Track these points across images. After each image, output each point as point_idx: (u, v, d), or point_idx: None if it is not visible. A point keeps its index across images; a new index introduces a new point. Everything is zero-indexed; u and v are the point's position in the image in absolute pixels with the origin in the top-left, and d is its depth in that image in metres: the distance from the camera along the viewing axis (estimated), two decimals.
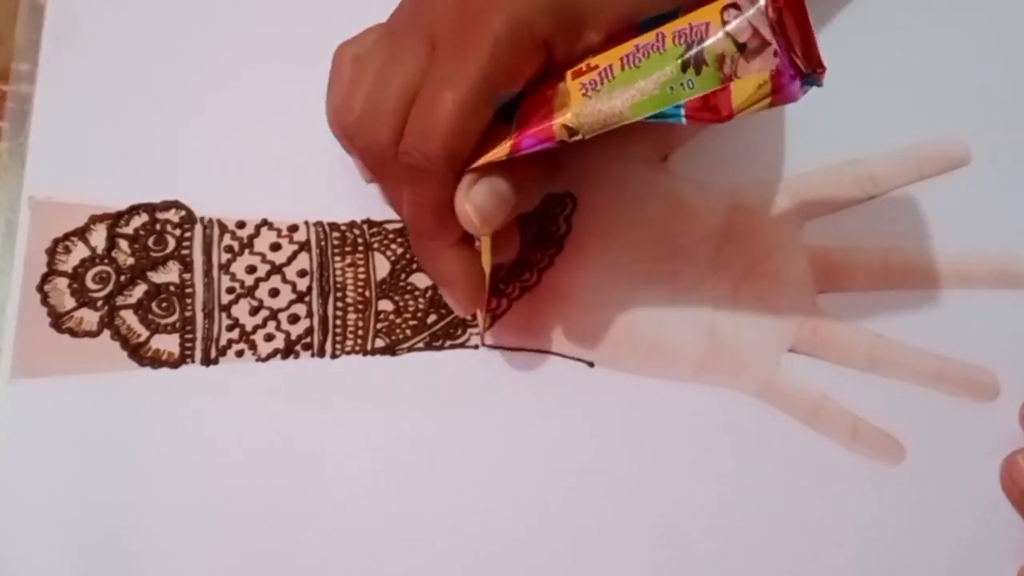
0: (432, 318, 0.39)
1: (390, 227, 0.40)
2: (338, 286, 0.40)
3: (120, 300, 0.39)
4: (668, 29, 0.30)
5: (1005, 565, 0.37)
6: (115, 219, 0.40)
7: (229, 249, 0.40)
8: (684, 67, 0.29)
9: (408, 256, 0.40)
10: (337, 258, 0.40)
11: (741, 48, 0.28)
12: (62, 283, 0.39)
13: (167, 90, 0.42)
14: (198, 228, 0.40)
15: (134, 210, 0.40)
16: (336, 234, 0.40)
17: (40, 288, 0.39)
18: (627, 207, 0.40)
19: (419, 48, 0.33)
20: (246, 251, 0.40)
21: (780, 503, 0.37)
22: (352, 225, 0.40)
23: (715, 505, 0.37)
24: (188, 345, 0.39)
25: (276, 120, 0.41)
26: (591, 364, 0.39)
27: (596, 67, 0.31)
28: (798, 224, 0.40)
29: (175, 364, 0.39)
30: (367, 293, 0.40)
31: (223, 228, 0.40)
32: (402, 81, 0.33)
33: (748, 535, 0.37)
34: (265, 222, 0.40)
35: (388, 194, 0.38)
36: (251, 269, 0.40)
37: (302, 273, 0.40)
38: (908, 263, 0.40)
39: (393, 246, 0.40)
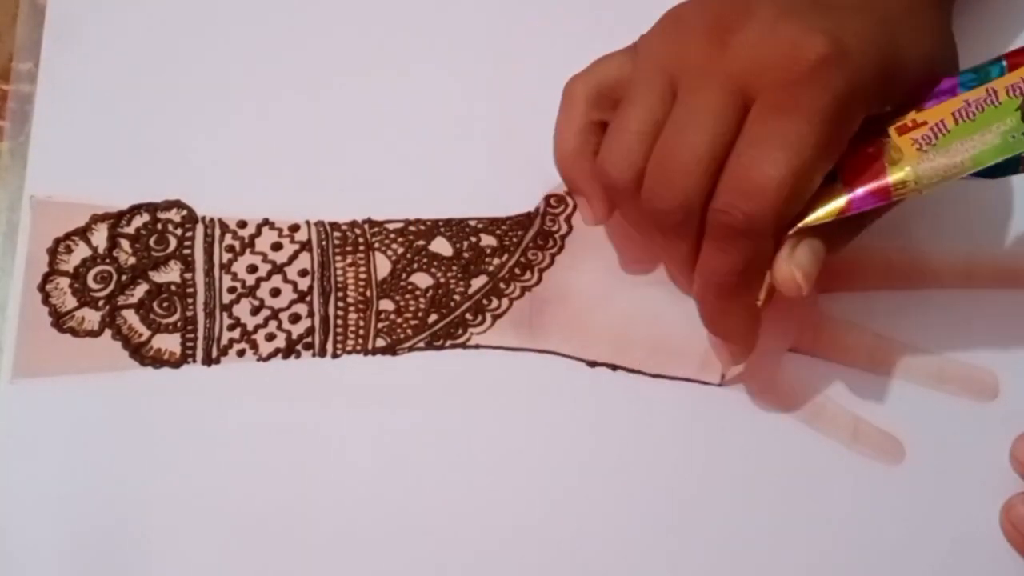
0: (433, 318, 0.39)
1: (391, 227, 0.40)
2: (339, 286, 0.40)
3: (121, 300, 0.39)
4: (999, 84, 0.32)
5: (1005, 565, 0.37)
6: (116, 219, 0.40)
7: (230, 248, 0.40)
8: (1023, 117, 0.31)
9: (409, 256, 0.40)
10: (338, 258, 0.40)
11: None
12: (63, 283, 0.39)
13: (168, 89, 0.42)
14: (199, 228, 0.40)
15: (135, 210, 0.40)
16: (337, 234, 0.40)
17: (41, 288, 0.39)
18: None
19: (730, 100, 0.32)
20: (247, 250, 0.40)
21: (780, 503, 0.37)
22: (353, 225, 0.40)
23: (715, 505, 0.37)
24: (189, 345, 0.39)
25: (277, 119, 0.41)
26: (591, 364, 0.39)
27: (926, 123, 0.32)
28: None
29: (176, 364, 0.39)
30: (368, 293, 0.40)
31: (224, 228, 0.40)
32: (714, 138, 0.31)
33: (748, 535, 0.37)
34: (266, 221, 0.40)
35: (676, 251, 0.34)
36: (252, 268, 0.40)
37: (303, 273, 0.40)
38: (909, 263, 0.40)
39: (394, 246, 0.40)
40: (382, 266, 0.40)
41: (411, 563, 0.37)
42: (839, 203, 0.32)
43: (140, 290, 0.39)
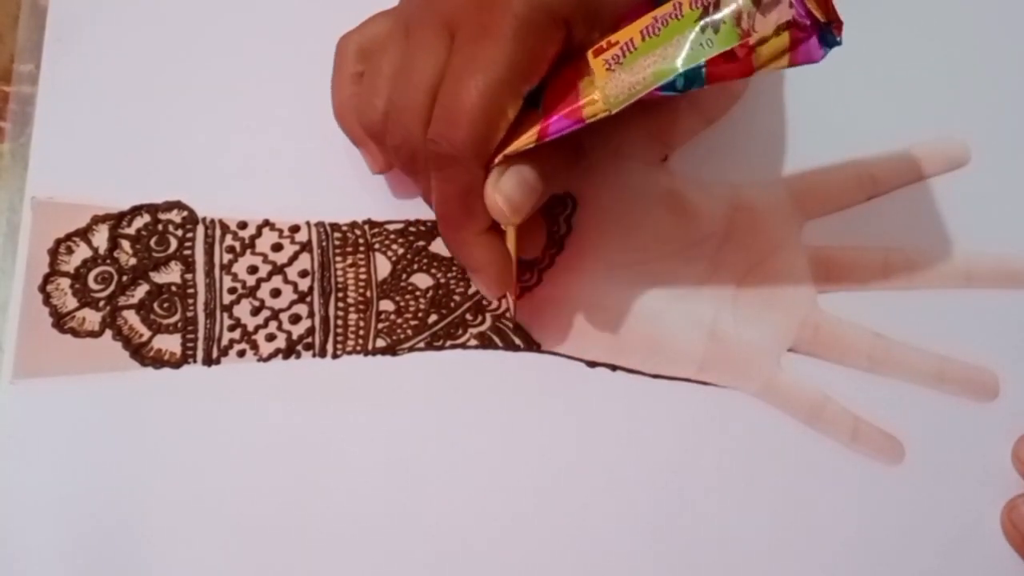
0: (433, 318, 0.39)
1: (391, 227, 0.40)
2: (339, 286, 0.40)
3: (122, 300, 0.39)
4: None
5: (1005, 565, 0.37)
6: (117, 219, 0.40)
7: (231, 249, 0.40)
8: (703, 29, 0.30)
9: (409, 256, 0.40)
10: (338, 258, 0.40)
11: (756, 3, 0.29)
12: (64, 283, 0.39)
13: (169, 90, 0.42)
14: (200, 228, 0.40)
15: (136, 210, 0.40)
16: (337, 234, 0.40)
17: (42, 288, 0.39)
18: (628, 207, 0.40)
19: (438, 37, 0.33)
20: (248, 251, 0.40)
21: (780, 503, 0.37)
22: (353, 225, 0.40)
23: (715, 505, 0.37)
24: (190, 345, 0.39)
25: (278, 120, 0.42)
26: (591, 364, 0.39)
27: (617, 43, 0.31)
28: (798, 224, 0.41)
29: (177, 364, 0.39)
30: (368, 293, 0.40)
31: (225, 228, 0.40)
32: (426, 73, 0.33)
33: (748, 535, 0.37)
34: (267, 222, 0.40)
35: (421, 187, 0.37)
36: (253, 269, 0.40)
37: (303, 273, 0.40)
38: (908, 263, 0.40)
39: (394, 246, 0.40)
40: (382, 267, 0.40)
41: (411, 563, 0.37)
42: (536, 129, 0.32)
43: (141, 291, 0.39)
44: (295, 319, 0.39)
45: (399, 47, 0.35)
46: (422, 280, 0.40)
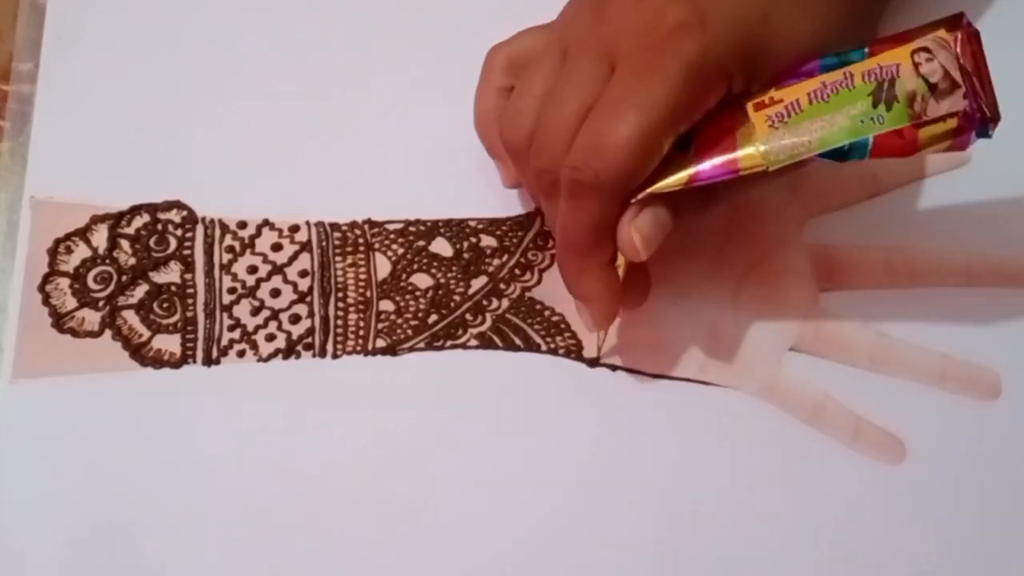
0: (433, 318, 0.39)
1: (391, 227, 0.40)
2: (339, 286, 0.40)
3: (121, 300, 0.39)
4: (856, 69, 0.32)
5: (1006, 565, 0.37)
6: (116, 219, 0.40)
7: (230, 249, 0.40)
8: (875, 103, 0.31)
9: (409, 256, 0.40)
10: (338, 258, 0.40)
11: (932, 88, 0.31)
12: (63, 283, 0.39)
13: (168, 90, 0.42)
14: (199, 228, 0.40)
15: (135, 210, 0.40)
16: (337, 234, 0.40)
17: (41, 288, 0.39)
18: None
19: (599, 65, 0.33)
20: (247, 251, 0.40)
21: (780, 503, 0.37)
22: (353, 225, 0.40)
23: (716, 505, 0.37)
24: (189, 345, 0.39)
25: (278, 120, 0.41)
26: (591, 364, 0.39)
27: (781, 100, 0.32)
28: (800, 223, 0.40)
29: (176, 364, 0.39)
30: (368, 293, 0.40)
31: (224, 228, 0.40)
32: (581, 101, 0.32)
33: (748, 535, 0.37)
34: (266, 222, 0.40)
35: (552, 213, 0.35)
36: (252, 269, 0.40)
37: (303, 273, 0.40)
38: (910, 261, 0.40)
39: (394, 246, 0.40)
40: (382, 267, 0.40)
41: (411, 563, 0.37)
42: (686, 173, 0.32)
43: (140, 291, 0.39)
44: (295, 319, 0.39)
45: (553, 67, 0.34)
46: (422, 280, 0.40)
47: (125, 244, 0.40)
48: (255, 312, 0.39)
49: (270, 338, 0.39)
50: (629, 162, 0.31)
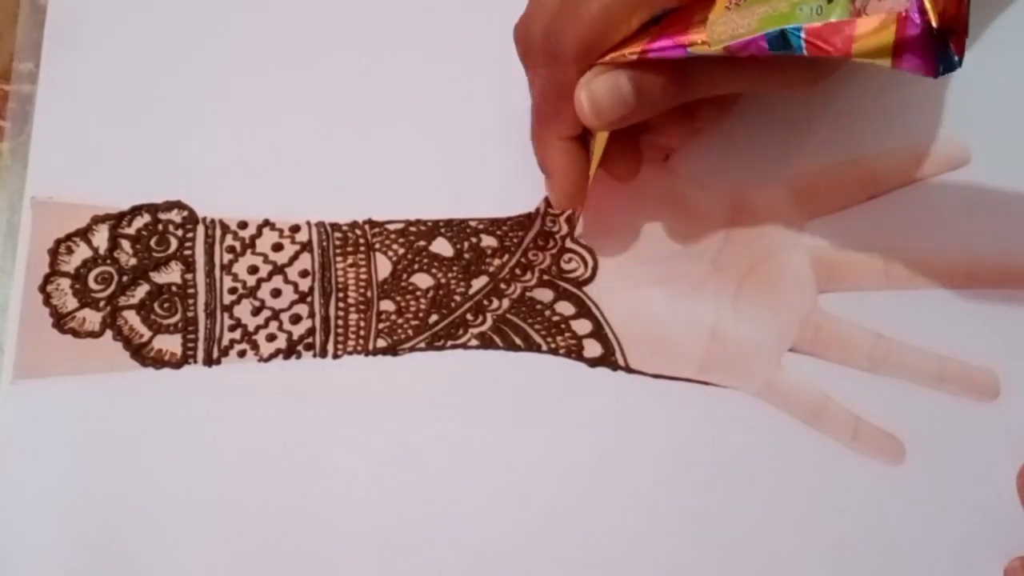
0: (434, 318, 0.39)
1: (392, 227, 0.40)
2: (340, 286, 0.40)
3: (122, 300, 0.39)
4: None
5: (1005, 564, 0.37)
6: (117, 219, 0.40)
7: (231, 249, 0.40)
8: None
9: (409, 256, 0.40)
10: (339, 258, 0.40)
11: None
12: (64, 283, 0.39)
13: (169, 90, 0.42)
14: (200, 228, 0.40)
15: (136, 210, 0.40)
16: (338, 234, 0.40)
17: (42, 289, 0.39)
18: (628, 207, 0.40)
19: None
20: (248, 251, 0.40)
21: (780, 503, 0.37)
22: (354, 225, 0.40)
23: (715, 505, 0.37)
24: (190, 345, 0.39)
25: (278, 120, 0.41)
26: (591, 364, 0.39)
27: None
28: (799, 224, 0.40)
29: (177, 364, 0.39)
30: (369, 293, 0.40)
31: (225, 228, 0.40)
32: None
33: (748, 535, 0.37)
34: (267, 222, 0.40)
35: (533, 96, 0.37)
36: (253, 269, 0.40)
37: (304, 273, 0.40)
38: (909, 263, 0.40)
39: (395, 246, 0.40)
40: (383, 267, 0.40)
41: (412, 563, 0.37)
42: (639, 46, 0.32)
43: (141, 291, 0.39)
44: (295, 319, 0.39)
45: None
46: (422, 280, 0.40)
47: (126, 244, 0.40)
48: (256, 312, 0.39)
49: (271, 338, 0.39)
50: (590, 32, 0.33)
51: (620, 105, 0.34)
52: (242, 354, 0.39)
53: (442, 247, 0.40)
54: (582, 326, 0.39)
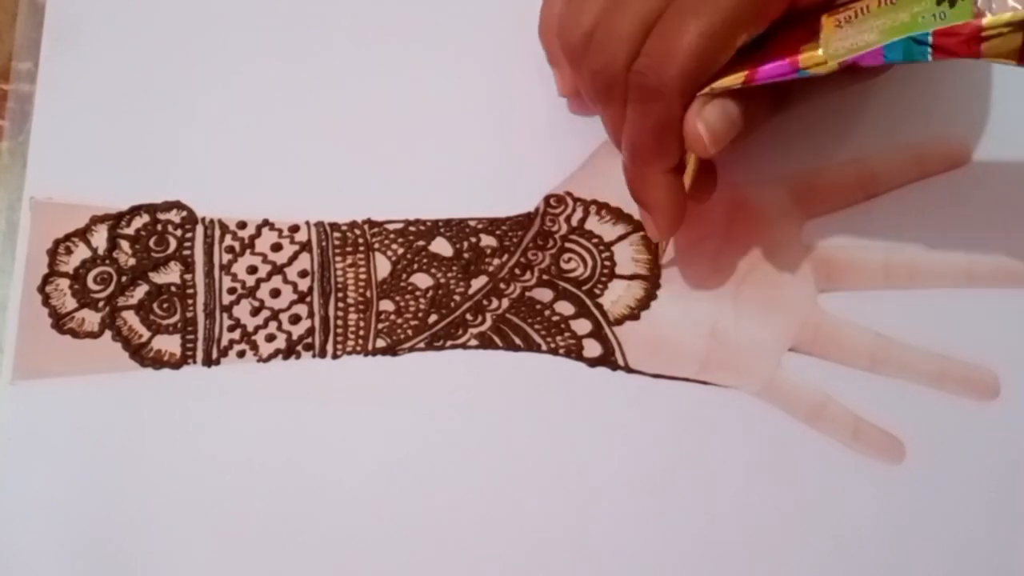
0: (433, 318, 0.39)
1: (391, 227, 0.40)
2: (339, 286, 0.40)
3: (121, 301, 0.39)
4: None
5: (1006, 565, 0.37)
6: (116, 220, 0.40)
7: (230, 249, 0.40)
8: (939, 2, 0.30)
9: (409, 256, 0.40)
10: (338, 258, 0.40)
11: None
12: (63, 284, 0.39)
13: (168, 90, 0.42)
14: (199, 228, 0.40)
15: (135, 211, 0.40)
16: (337, 234, 0.40)
17: (41, 289, 0.39)
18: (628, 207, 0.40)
19: None
20: (247, 251, 0.40)
21: (780, 503, 0.37)
22: (353, 225, 0.40)
23: (715, 505, 0.37)
24: (189, 346, 0.39)
25: (277, 120, 0.41)
26: (591, 364, 0.39)
27: (853, 7, 0.32)
28: (799, 223, 0.40)
29: (176, 365, 0.39)
30: (368, 293, 0.40)
31: (224, 228, 0.40)
32: (646, 5, 0.33)
33: (748, 535, 0.37)
34: (266, 222, 0.40)
35: (609, 117, 0.37)
36: (252, 269, 0.40)
37: (303, 273, 0.40)
38: (909, 262, 0.40)
39: (394, 246, 0.40)
40: (382, 267, 0.40)
41: (413, 564, 0.37)
42: (744, 73, 0.33)
43: (140, 291, 0.39)
44: (295, 319, 0.39)
45: None
46: (422, 280, 0.40)
47: (125, 245, 0.40)
48: (255, 312, 0.39)
49: (270, 338, 0.39)
50: (693, 64, 0.32)
51: (731, 129, 0.34)
52: (241, 354, 0.39)
53: (441, 247, 0.40)
54: (582, 326, 0.39)
